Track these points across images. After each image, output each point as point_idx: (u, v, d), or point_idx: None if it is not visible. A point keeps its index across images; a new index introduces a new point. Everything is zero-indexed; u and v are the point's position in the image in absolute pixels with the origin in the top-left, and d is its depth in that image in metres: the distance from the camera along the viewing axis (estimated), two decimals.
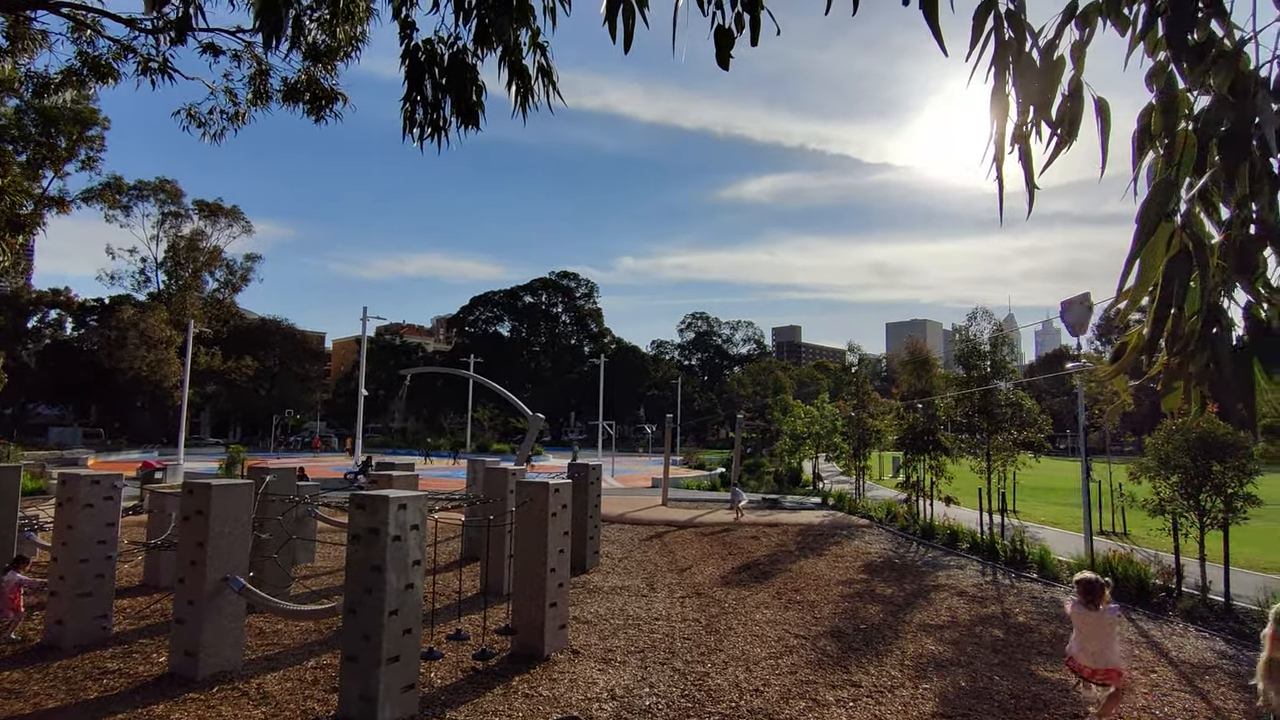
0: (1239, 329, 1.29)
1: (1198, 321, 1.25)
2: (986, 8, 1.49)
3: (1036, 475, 25.76)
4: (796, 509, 26.57)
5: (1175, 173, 1.27)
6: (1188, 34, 1.31)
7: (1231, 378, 1.23)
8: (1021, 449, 20.02)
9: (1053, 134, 1.55)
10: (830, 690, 8.28)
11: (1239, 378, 1.25)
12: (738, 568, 15.53)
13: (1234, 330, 1.30)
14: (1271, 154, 1.19)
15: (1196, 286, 1.25)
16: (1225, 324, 1.27)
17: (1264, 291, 1.33)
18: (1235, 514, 12.19)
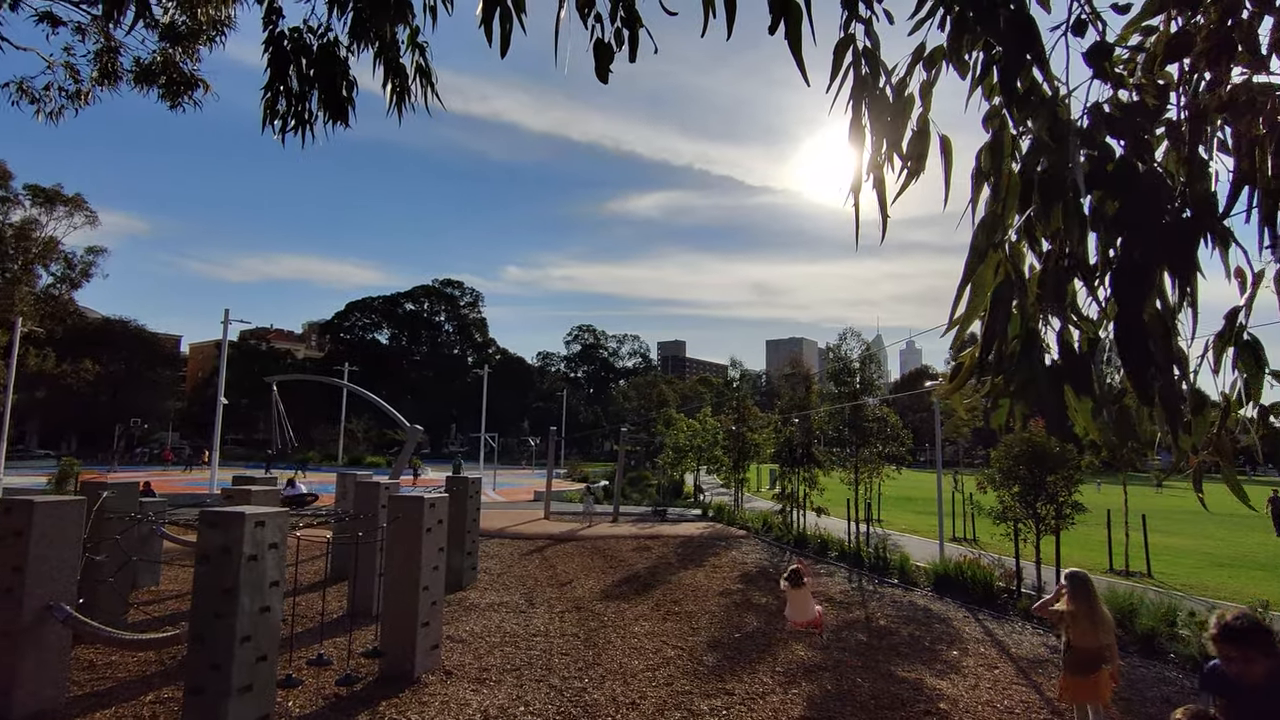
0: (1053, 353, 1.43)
1: (1018, 345, 1.38)
2: (845, 43, 1.58)
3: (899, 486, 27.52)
4: (677, 521, 26.99)
5: (1001, 207, 1.40)
6: (1016, 81, 1.44)
7: (1046, 397, 1.37)
8: (886, 462, 21.33)
9: (903, 167, 1.66)
10: (705, 700, 8.42)
11: (1051, 398, 1.38)
12: (619, 581, 15.56)
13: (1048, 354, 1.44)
14: (1080, 195, 1.33)
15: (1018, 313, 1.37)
16: (1040, 348, 1.40)
17: (1075, 319, 1.49)
18: (1065, 520, 13.48)
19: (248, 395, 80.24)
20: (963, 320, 1.43)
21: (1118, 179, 1.35)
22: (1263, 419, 1.56)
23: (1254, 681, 3.24)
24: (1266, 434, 1.74)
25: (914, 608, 13.42)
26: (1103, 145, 1.41)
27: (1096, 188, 1.36)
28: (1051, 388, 1.37)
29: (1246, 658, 3.25)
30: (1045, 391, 1.36)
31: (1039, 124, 1.40)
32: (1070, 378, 1.40)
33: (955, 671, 9.77)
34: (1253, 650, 3.24)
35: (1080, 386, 1.40)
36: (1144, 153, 1.43)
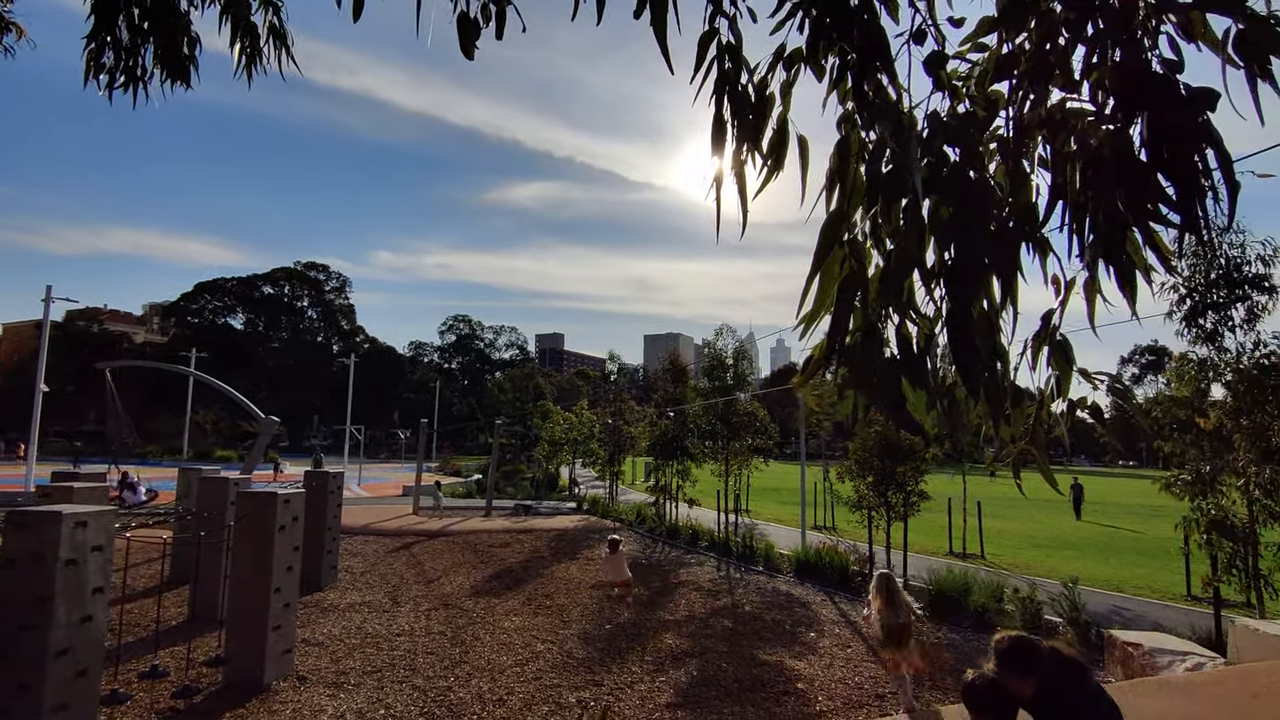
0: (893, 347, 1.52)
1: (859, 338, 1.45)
2: (709, 36, 1.60)
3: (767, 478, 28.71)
4: (552, 514, 26.87)
5: (847, 204, 1.47)
6: (866, 87, 1.51)
7: (884, 389, 1.45)
8: (755, 454, 22.19)
9: (763, 164, 1.70)
10: (573, 692, 8.42)
11: (889, 389, 1.47)
12: (489, 576, 15.27)
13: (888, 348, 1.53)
14: (918, 196, 1.41)
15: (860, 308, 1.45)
16: (880, 342, 1.48)
17: (914, 316, 1.58)
18: (912, 508, 14.55)
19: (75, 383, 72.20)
20: (809, 315, 1.48)
21: (951, 185, 1.45)
22: (1071, 412, 1.74)
23: (1029, 696, 3.38)
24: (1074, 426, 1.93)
25: (777, 593, 14.05)
26: (940, 153, 1.51)
27: (933, 192, 1.46)
28: (889, 380, 1.45)
29: (1017, 681, 3.40)
30: (883, 383, 1.43)
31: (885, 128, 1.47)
32: (907, 370, 1.49)
33: (813, 652, 10.30)
34: (1021, 673, 3.38)
35: (915, 379, 1.50)
36: (976, 162, 1.55)
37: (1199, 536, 10.44)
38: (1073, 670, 3.41)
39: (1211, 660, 8.27)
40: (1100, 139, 1.37)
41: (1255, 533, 9.94)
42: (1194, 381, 10.60)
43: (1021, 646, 3.43)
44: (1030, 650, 3.42)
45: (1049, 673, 3.35)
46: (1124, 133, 1.33)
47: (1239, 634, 8.49)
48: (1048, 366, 1.70)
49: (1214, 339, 10.17)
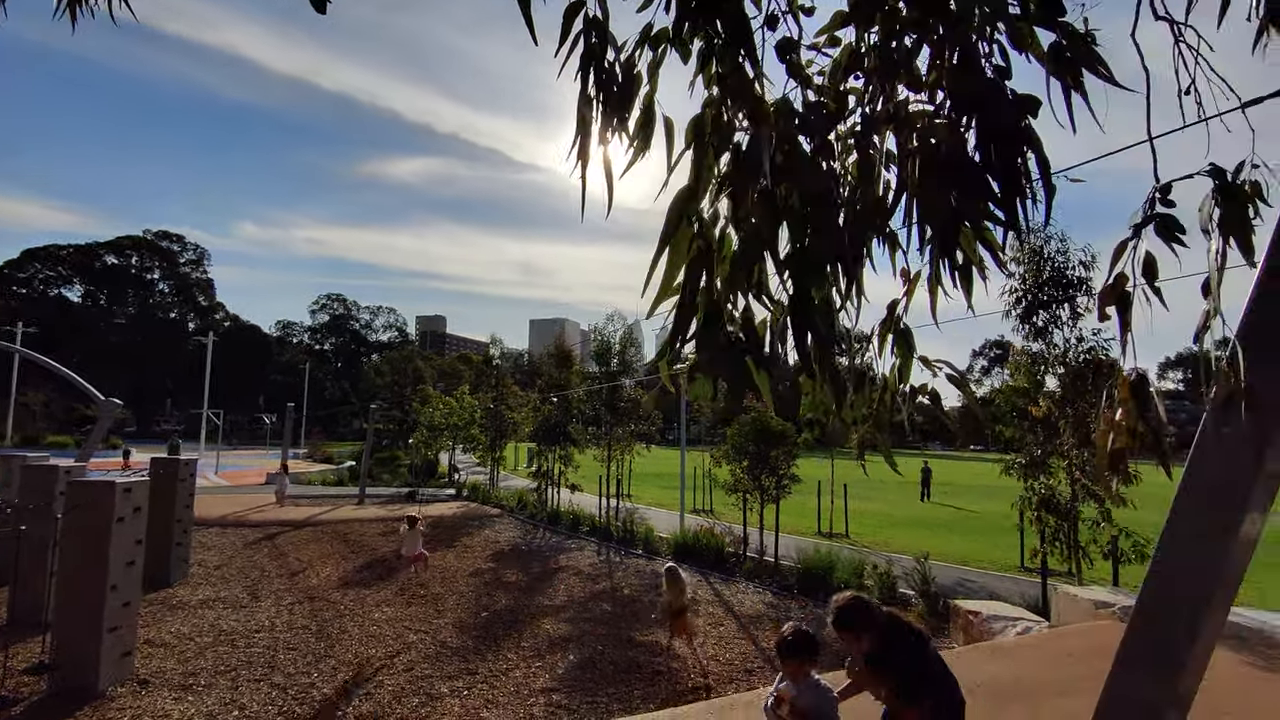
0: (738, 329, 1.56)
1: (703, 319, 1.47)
2: (576, 8, 1.56)
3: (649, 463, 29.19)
4: (429, 501, 26.13)
5: (697, 184, 1.49)
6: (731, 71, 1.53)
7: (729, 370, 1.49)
8: (638, 440, 22.47)
9: (630, 145, 1.69)
10: (446, 682, 8.24)
11: (733, 371, 1.51)
12: (360, 566, 14.67)
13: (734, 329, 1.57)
14: (767, 177, 1.45)
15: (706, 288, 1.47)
16: (725, 323, 1.51)
17: (767, 300, 1.63)
18: (784, 490, 15.21)
19: None
20: (658, 295, 1.49)
21: (801, 173, 1.49)
22: (912, 397, 1.85)
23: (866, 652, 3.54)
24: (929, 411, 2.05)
25: (656, 576, 14.29)
26: (794, 141, 1.56)
27: (784, 179, 1.50)
28: (734, 361, 1.48)
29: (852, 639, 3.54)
30: (728, 364, 1.47)
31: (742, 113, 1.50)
32: (751, 352, 1.53)
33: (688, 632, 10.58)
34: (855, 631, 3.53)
35: (759, 361, 1.54)
36: (828, 153, 1.60)
37: (1031, 513, 11.55)
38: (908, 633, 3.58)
39: (1037, 624, 9.17)
40: (938, 138, 1.46)
41: (1076, 509, 11.10)
42: (1029, 373, 11.68)
43: (856, 605, 3.58)
44: (864, 608, 3.57)
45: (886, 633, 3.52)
46: (958, 132, 1.42)
47: (1060, 600, 9.47)
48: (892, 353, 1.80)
49: (1044, 335, 11.27)
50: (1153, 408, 1.78)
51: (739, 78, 1.53)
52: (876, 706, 3.75)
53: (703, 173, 1.47)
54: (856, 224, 1.57)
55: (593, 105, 1.62)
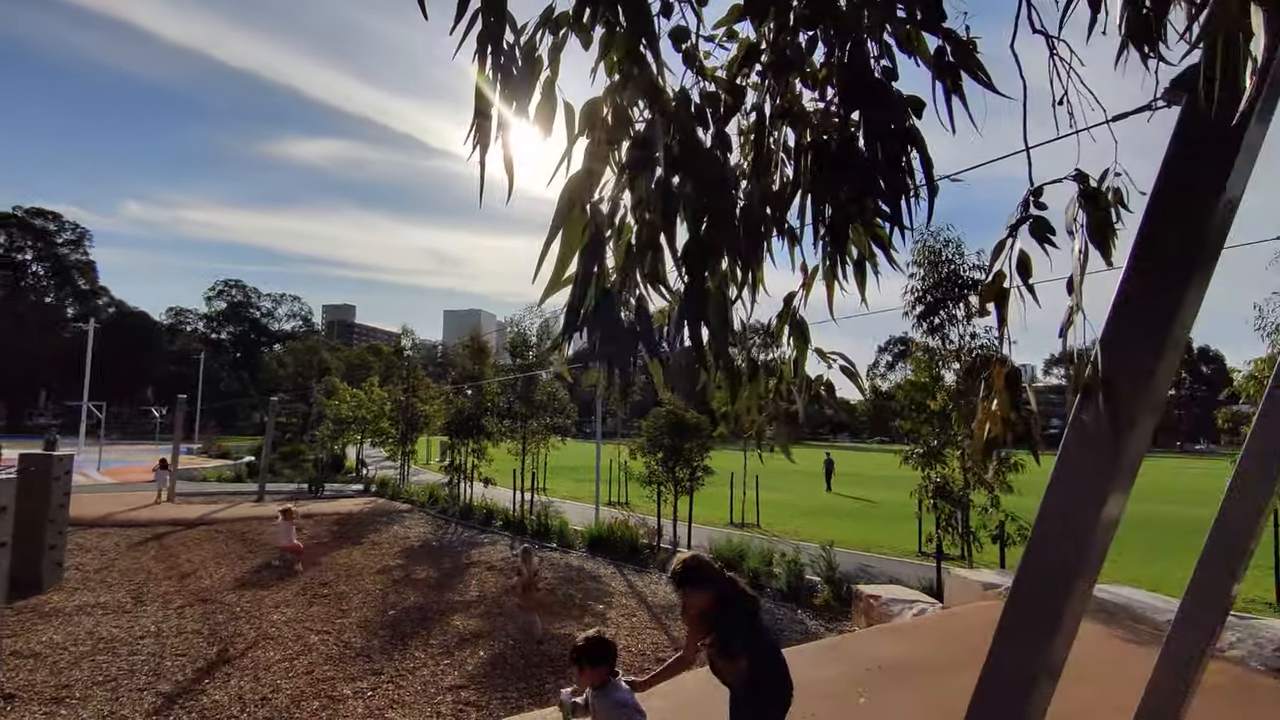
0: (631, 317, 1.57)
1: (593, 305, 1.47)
2: None
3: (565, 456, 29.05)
4: (335, 497, 25.21)
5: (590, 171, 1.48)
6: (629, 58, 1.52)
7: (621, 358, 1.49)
8: (553, 433, 22.33)
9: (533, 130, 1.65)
10: (349, 683, 7.97)
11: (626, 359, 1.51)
12: (258, 566, 13.98)
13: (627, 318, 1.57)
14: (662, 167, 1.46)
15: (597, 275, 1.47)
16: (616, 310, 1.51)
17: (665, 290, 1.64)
18: (697, 482, 15.47)
19: None
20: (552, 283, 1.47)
21: (695, 164, 1.51)
22: (806, 388, 1.91)
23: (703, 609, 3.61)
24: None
25: (570, 568, 14.29)
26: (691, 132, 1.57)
27: (679, 170, 1.51)
28: (626, 350, 1.48)
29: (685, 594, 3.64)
30: (620, 353, 1.47)
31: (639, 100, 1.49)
32: (644, 341, 1.54)
33: (601, 623, 10.60)
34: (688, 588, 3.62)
35: (651, 349, 1.55)
36: (725, 145, 1.63)
37: (927, 501, 12.18)
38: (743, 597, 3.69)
39: (932, 606, 9.67)
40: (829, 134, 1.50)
41: (968, 497, 11.77)
42: (927, 368, 12.29)
43: (698, 564, 3.69)
44: (705, 568, 3.68)
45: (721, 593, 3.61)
46: (846, 129, 1.47)
47: (952, 582, 10.02)
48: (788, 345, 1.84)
49: (939, 332, 11.90)
50: (1025, 398, 1.90)
51: (638, 66, 1.53)
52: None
53: (596, 160, 1.46)
54: (752, 217, 1.60)
55: (491, 88, 1.57)
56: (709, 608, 3.60)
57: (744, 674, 3.57)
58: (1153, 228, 2.54)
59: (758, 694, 3.63)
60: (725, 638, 3.59)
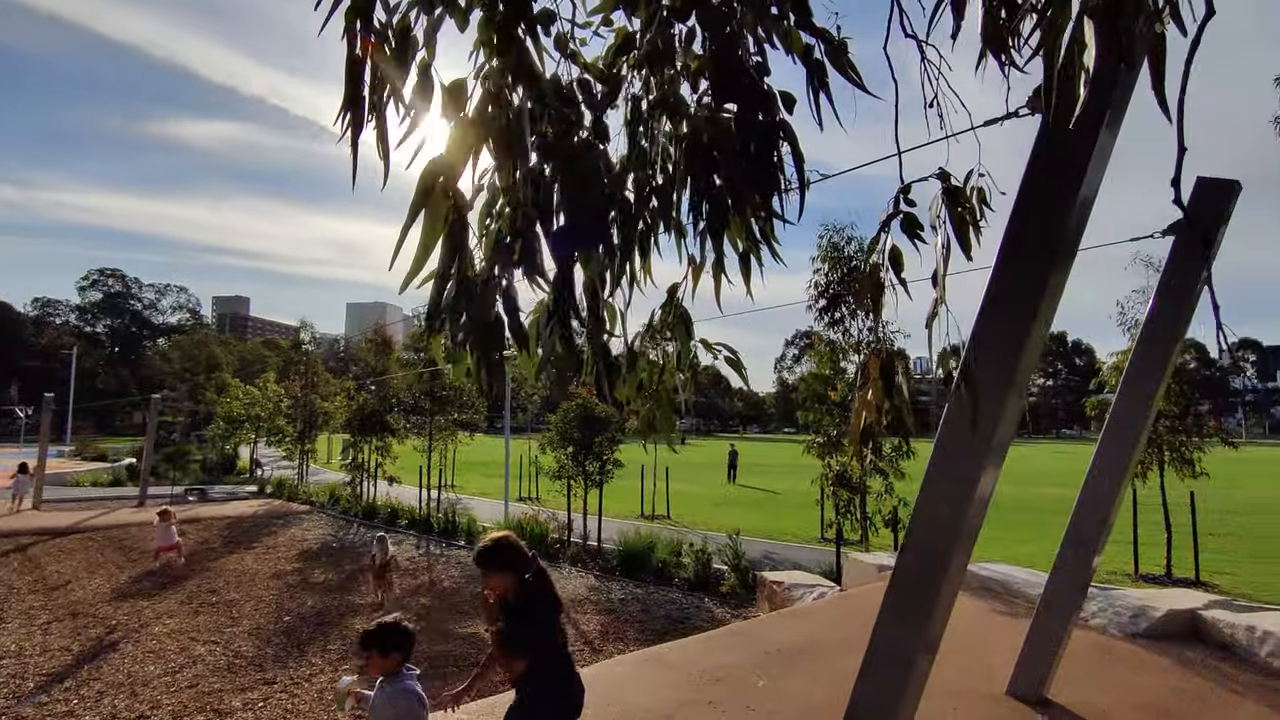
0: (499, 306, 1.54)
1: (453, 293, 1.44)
2: None
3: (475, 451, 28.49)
4: (226, 500, 23.84)
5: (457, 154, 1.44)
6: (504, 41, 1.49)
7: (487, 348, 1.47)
8: (460, 429, 21.86)
9: (407, 112, 1.59)
10: (239, 694, 7.56)
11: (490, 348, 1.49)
12: (138, 576, 13.06)
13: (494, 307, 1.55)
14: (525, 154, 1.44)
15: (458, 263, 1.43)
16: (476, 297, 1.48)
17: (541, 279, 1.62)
18: (607, 475, 15.50)
19: None
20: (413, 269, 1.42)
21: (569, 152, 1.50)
22: (691, 378, 1.93)
23: (505, 596, 3.41)
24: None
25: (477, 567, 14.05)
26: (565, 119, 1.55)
27: (550, 158, 1.49)
28: (492, 339, 1.46)
29: (487, 575, 3.45)
30: (487, 342, 1.44)
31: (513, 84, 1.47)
32: (513, 330, 1.52)
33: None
34: (492, 570, 3.43)
35: (518, 338, 1.54)
36: (602, 134, 1.62)
37: (828, 489, 12.65)
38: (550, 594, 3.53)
39: (831, 589, 10.06)
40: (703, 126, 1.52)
41: (865, 484, 12.30)
42: (829, 361, 12.76)
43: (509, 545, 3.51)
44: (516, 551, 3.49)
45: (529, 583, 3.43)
46: (718, 121, 1.49)
47: (849, 566, 10.46)
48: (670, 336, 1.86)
49: (840, 325, 12.37)
50: (898, 387, 1.99)
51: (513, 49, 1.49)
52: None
53: (461, 143, 1.42)
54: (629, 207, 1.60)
55: (361, 67, 1.50)
56: (508, 596, 3.39)
57: (523, 679, 3.38)
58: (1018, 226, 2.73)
59: (536, 708, 3.42)
60: (510, 634, 3.37)
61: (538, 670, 3.38)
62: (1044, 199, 2.58)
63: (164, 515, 13.81)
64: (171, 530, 13.59)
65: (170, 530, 13.56)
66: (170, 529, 13.60)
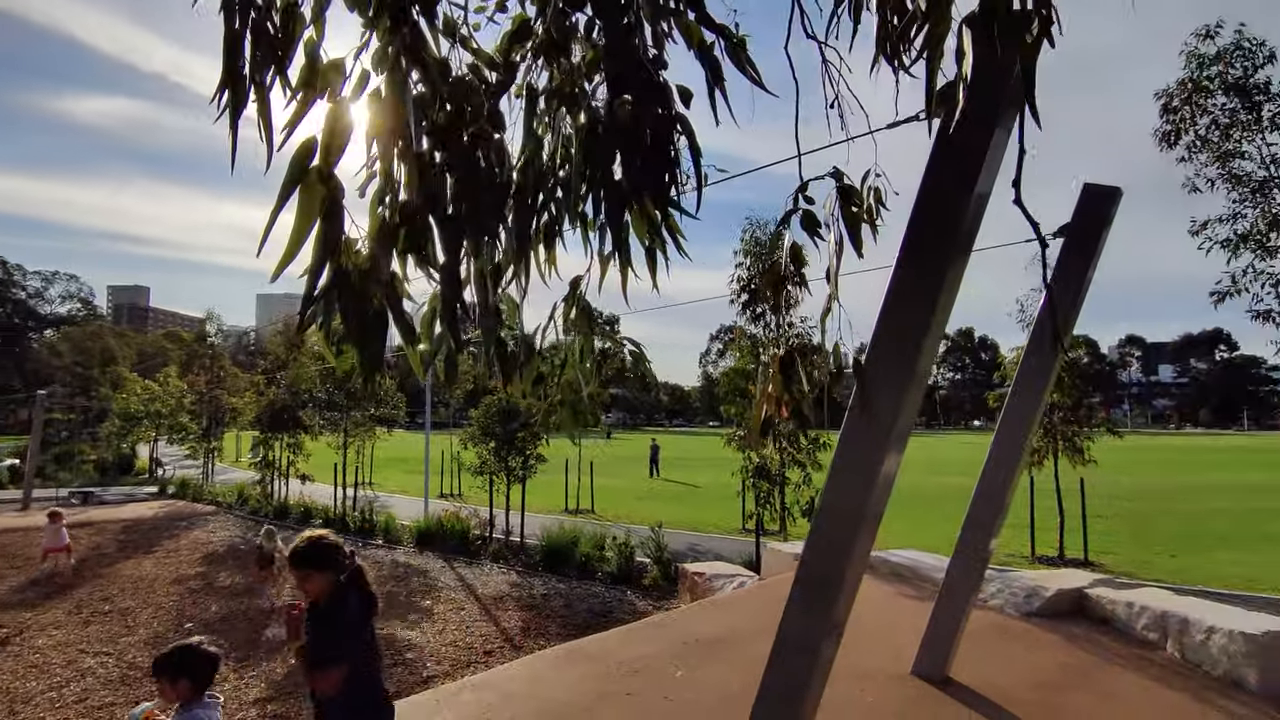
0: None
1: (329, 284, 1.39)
2: None
3: (394, 448, 27.76)
4: (123, 502, 22.44)
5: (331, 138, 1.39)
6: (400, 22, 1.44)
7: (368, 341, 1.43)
8: (378, 424, 21.23)
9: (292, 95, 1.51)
10: (130, 708, 7.12)
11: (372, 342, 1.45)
12: (21, 585, 12.16)
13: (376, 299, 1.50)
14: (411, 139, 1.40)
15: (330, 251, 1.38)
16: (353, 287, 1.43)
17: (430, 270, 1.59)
18: (530, 470, 15.37)
19: None
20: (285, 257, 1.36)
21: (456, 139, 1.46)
22: (596, 370, 1.93)
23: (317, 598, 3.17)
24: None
25: (396, 565, 13.69)
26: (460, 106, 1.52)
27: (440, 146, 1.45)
28: (371, 331, 1.41)
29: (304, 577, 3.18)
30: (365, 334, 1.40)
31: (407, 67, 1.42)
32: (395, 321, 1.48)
33: (427, 619, 10.27)
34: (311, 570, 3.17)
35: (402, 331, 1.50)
36: (497, 122, 1.59)
37: (749, 481, 12.92)
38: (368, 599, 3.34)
39: (750, 579, 10.28)
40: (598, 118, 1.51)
41: (784, 475, 12.62)
42: (750, 355, 13.01)
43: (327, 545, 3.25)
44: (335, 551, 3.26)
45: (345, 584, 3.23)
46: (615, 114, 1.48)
47: (768, 555, 10.70)
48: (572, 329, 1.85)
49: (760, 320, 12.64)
50: (797, 380, 2.04)
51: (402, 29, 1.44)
52: None
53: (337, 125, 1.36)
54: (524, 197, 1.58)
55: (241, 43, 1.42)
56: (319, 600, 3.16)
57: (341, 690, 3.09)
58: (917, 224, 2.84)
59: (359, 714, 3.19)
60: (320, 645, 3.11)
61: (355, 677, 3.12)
62: (940, 198, 2.68)
63: (54, 517, 13.32)
64: (62, 532, 13.01)
65: (61, 532, 13.01)
66: (61, 530, 13.11)
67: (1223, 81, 8.89)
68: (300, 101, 1.50)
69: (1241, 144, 8.91)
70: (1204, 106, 9.06)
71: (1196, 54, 9.14)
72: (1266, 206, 8.77)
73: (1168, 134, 9.46)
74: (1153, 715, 5.06)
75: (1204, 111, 9.08)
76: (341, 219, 1.31)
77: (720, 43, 1.60)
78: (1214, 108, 9.03)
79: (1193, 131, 9.20)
